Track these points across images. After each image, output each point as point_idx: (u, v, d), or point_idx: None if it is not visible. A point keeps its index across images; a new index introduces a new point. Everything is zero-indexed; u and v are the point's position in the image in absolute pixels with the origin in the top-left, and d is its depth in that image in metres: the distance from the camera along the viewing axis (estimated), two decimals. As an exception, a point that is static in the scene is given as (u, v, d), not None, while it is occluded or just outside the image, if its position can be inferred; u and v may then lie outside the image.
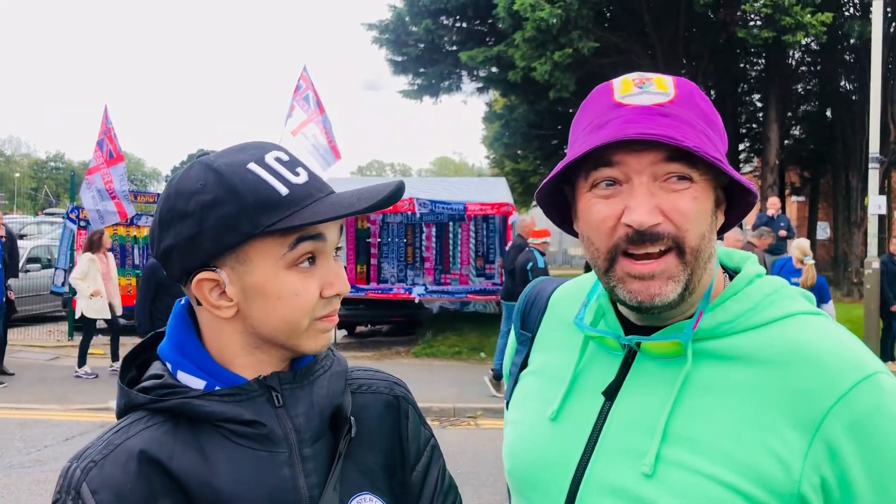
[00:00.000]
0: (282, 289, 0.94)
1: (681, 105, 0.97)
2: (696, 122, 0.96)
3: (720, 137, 1.00)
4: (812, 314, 1.01)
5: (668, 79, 1.00)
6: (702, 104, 0.99)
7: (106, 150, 11.38)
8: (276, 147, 0.99)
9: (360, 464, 1.04)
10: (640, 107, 0.96)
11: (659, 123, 0.94)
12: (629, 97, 0.98)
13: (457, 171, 76.74)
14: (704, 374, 0.98)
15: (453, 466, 1.24)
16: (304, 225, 0.92)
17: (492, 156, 33.82)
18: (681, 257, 0.96)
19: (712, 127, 0.99)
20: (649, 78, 1.00)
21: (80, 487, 0.91)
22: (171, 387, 0.96)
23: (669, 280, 0.97)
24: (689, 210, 0.95)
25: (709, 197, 0.98)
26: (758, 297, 1.01)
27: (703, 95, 1.01)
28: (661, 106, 0.96)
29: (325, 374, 1.03)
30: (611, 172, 0.96)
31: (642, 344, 1.02)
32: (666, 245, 0.96)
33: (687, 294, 0.99)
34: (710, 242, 0.99)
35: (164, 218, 0.96)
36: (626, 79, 1.01)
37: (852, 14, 17.79)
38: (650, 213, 0.94)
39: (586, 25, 15.76)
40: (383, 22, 20.63)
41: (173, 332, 1.01)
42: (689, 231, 0.96)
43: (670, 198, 0.95)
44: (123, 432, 0.96)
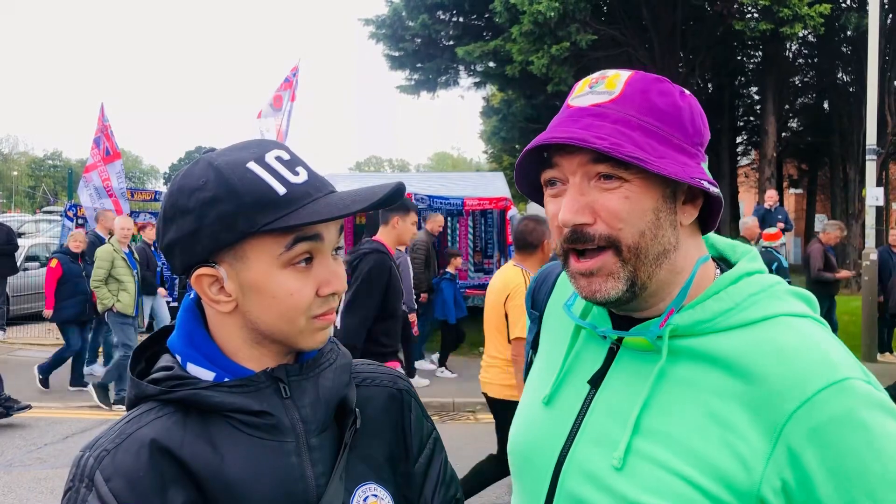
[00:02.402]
0: (277, 287, 0.96)
1: (623, 103, 0.99)
2: (637, 117, 0.98)
3: (682, 130, 1.00)
4: (798, 316, 1.00)
5: (622, 77, 1.01)
6: (656, 99, 1.00)
7: (103, 148, 11.37)
8: (278, 146, 1.00)
9: (365, 455, 1.06)
10: (578, 109, 1.01)
11: (584, 125, 0.97)
12: (577, 98, 1.02)
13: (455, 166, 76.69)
14: (680, 371, 0.99)
15: (454, 461, 1.26)
16: (300, 225, 0.93)
17: (490, 150, 33.86)
18: (618, 255, 0.99)
19: (664, 119, 0.99)
20: (605, 76, 1.02)
21: (93, 475, 0.93)
22: (181, 378, 0.98)
23: (609, 277, 1.00)
24: (619, 209, 0.97)
25: (649, 194, 0.98)
26: (740, 297, 1.01)
27: (665, 89, 1.01)
28: (598, 106, 0.99)
29: (330, 367, 1.05)
30: (553, 173, 1.02)
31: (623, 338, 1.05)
32: (599, 244, 0.99)
33: (637, 290, 1.00)
34: (656, 239, 0.99)
35: (167, 213, 0.98)
36: (587, 78, 1.04)
37: (849, 6, 17.77)
38: (575, 213, 0.98)
39: (584, 19, 15.73)
40: (380, 17, 20.58)
41: (183, 325, 1.03)
42: (623, 230, 0.98)
43: (602, 197, 0.98)
44: (135, 422, 0.97)
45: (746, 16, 15.76)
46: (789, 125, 24.87)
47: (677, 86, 1.03)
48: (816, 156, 25.80)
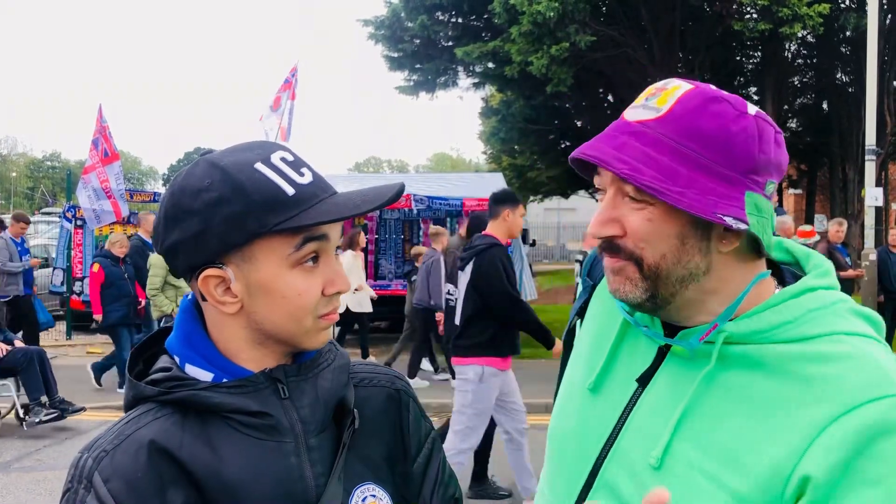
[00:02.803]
0: (286, 287, 0.96)
1: (665, 123, 0.97)
2: (675, 142, 0.96)
3: (727, 157, 0.96)
4: (859, 336, 0.97)
5: (678, 93, 0.99)
6: (704, 122, 0.96)
7: (101, 149, 11.37)
8: (281, 147, 1.00)
9: (364, 455, 1.06)
10: (623, 122, 1.02)
11: (618, 143, 0.98)
12: (631, 110, 1.03)
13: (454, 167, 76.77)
14: (729, 377, 0.99)
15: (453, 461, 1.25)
16: (312, 225, 0.94)
17: (489, 151, 33.88)
18: (639, 270, 1.01)
19: (708, 145, 0.96)
20: (665, 89, 1.01)
21: (91, 476, 0.92)
22: (180, 379, 0.98)
23: (627, 281, 1.02)
24: (641, 230, 0.99)
25: (671, 221, 0.98)
26: (799, 312, 0.99)
27: (719, 112, 0.97)
28: (641, 123, 0.99)
29: (328, 368, 1.05)
30: (598, 181, 1.05)
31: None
32: (627, 257, 1.01)
33: (661, 303, 1.02)
34: (680, 264, 0.99)
35: (169, 214, 0.97)
36: (650, 87, 1.04)
37: (848, 6, 17.79)
38: (601, 225, 1.02)
39: (583, 19, 15.74)
40: (379, 18, 20.60)
41: (181, 325, 1.03)
42: (645, 249, 1.00)
43: (629, 215, 1.00)
44: (133, 423, 0.97)
45: (745, 16, 15.78)
46: (788, 125, 24.87)
47: (741, 106, 0.99)
48: (816, 156, 25.82)
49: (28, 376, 7.22)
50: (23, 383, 7.29)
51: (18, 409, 7.42)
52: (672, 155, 0.96)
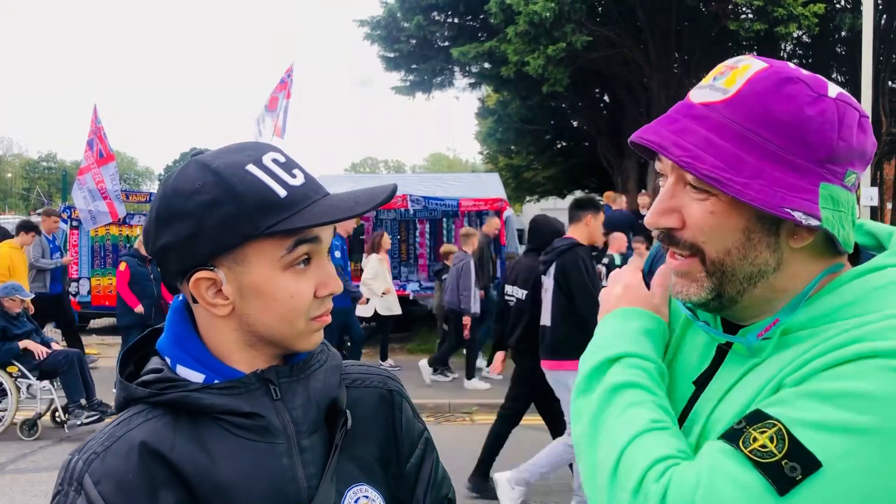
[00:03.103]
0: (278, 290, 0.96)
1: (733, 106, 0.91)
2: (742, 127, 0.90)
3: (799, 144, 0.89)
4: None
5: (748, 72, 0.92)
6: (776, 106, 0.89)
7: (96, 150, 11.33)
8: (273, 148, 1.00)
9: (356, 456, 1.06)
10: (687, 103, 0.96)
11: (678, 127, 0.92)
12: (697, 89, 0.96)
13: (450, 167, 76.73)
14: (770, 361, 0.94)
15: (450, 462, 1.25)
16: (304, 227, 0.93)
17: (485, 151, 33.84)
18: (703, 264, 0.95)
19: (779, 131, 0.89)
20: (735, 67, 0.94)
21: (82, 479, 0.92)
22: (171, 380, 0.98)
23: (692, 283, 0.97)
24: (702, 223, 0.93)
25: (736, 213, 0.92)
26: (863, 291, 0.91)
27: (793, 93, 0.89)
28: (706, 106, 0.93)
29: (321, 369, 1.05)
30: (659, 167, 0.99)
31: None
32: (687, 250, 0.96)
33: (727, 302, 0.97)
34: (747, 260, 0.93)
35: (161, 216, 0.96)
36: (721, 65, 0.97)
37: (843, 6, 17.82)
38: (659, 214, 0.96)
39: (579, 19, 15.75)
40: (375, 18, 20.58)
41: (172, 327, 1.02)
42: (707, 243, 0.94)
43: (690, 206, 0.94)
44: (124, 425, 0.97)
45: (741, 16, 15.79)
46: (784, 125, 24.90)
47: (820, 87, 0.91)
48: (811, 156, 25.82)
49: (68, 378, 7.25)
50: (63, 385, 7.32)
51: (59, 411, 7.41)
52: (738, 141, 0.89)
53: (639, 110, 19.51)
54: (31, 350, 7.20)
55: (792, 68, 0.92)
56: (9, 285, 7.44)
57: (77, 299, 12.49)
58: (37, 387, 7.24)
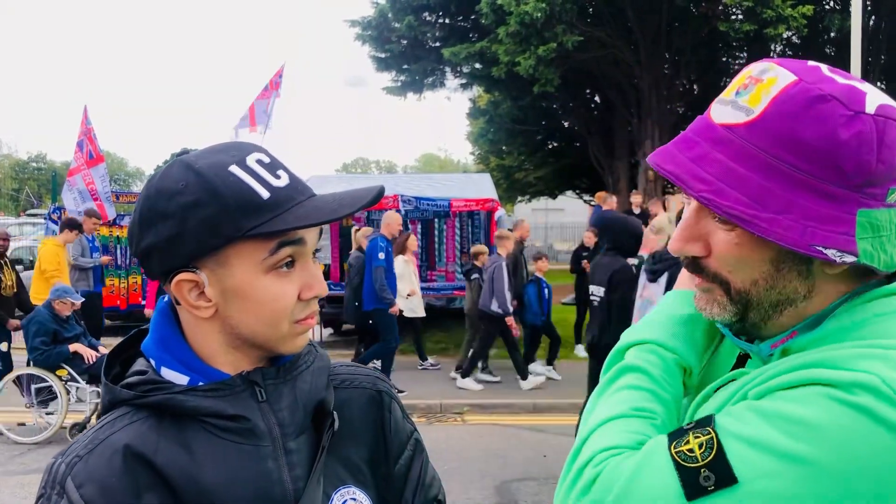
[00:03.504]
0: (261, 292, 0.95)
1: (756, 130, 0.84)
2: (767, 154, 0.83)
3: (831, 172, 0.81)
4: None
5: (774, 89, 0.84)
6: (805, 130, 0.81)
7: (86, 151, 11.30)
8: (257, 149, 0.99)
9: (344, 457, 1.05)
10: (707, 123, 0.89)
11: (696, 154, 0.86)
12: (718, 106, 0.89)
13: (442, 168, 76.72)
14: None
15: (441, 463, 1.25)
16: (286, 230, 0.92)
17: (477, 152, 33.86)
18: (727, 293, 0.91)
19: (810, 159, 0.81)
20: (761, 80, 0.86)
21: (64, 482, 0.91)
22: (155, 382, 0.97)
23: (715, 303, 0.93)
24: (728, 254, 0.88)
25: (763, 245, 0.85)
26: (863, 316, 0.87)
27: (823, 115, 0.81)
28: (727, 128, 0.86)
29: (308, 370, 1.04)
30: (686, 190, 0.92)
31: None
32: (709, 279, 0.92)
33: (750, 327, 0.93)
34: (775, 290, 0.88)
35: (144, 217, 0.96)
36: (743, 75, 0.89)
37: (832, 7, 17.92)
38: (683, 242, 0.92)
39: (570, 20, 15.79)
40: (366, 18, 20.58)
41: (157, 328, 1.01)
42: (732, 273, 0.89)
43: (715, 234, 0.89)
44: (108, 427, 0.96)
45: (731, 17, 15.86)
46: (774, 126, 25.03)
47: (856, 103, 0.82)
48: (801, 156, 25.96)
49: None
50: None
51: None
52: (763, 171, 0.83)
53: (629, 111, 19.57)
54: (80, 353, 7.10)
55: (825, 77, 0.84)
56: (60, 288, 7.35)
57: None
58: (86, 390, 7.12)
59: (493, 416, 8.19)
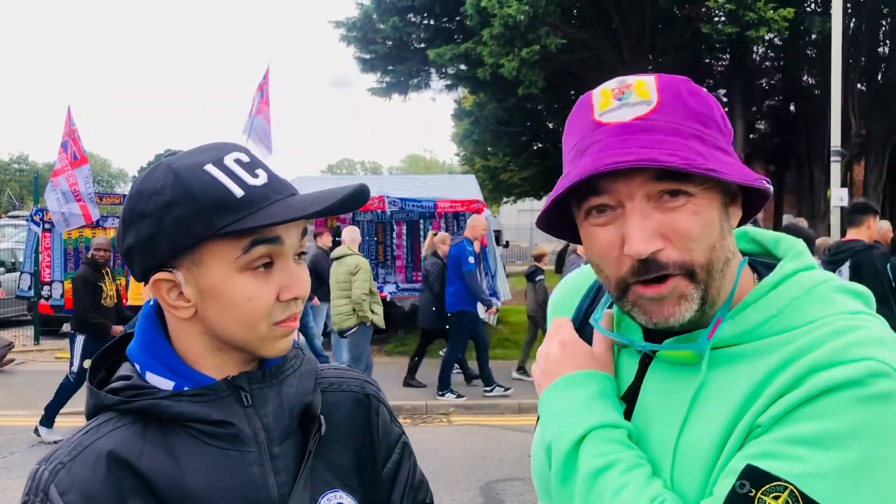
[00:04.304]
0: (235, 292, 0.94)
1: (665, 111, 0.91)
2: (685, 125, 0.91)
3: (719, 130, 0.94)
4: (849, 314, 0.92)
5: (650, 82, 0.94)
6: (691, 101, 0.93)
7: (70, 152, 11.20)
8: (238, 148, 0.99)
9: (331, 462, 1.05)
10: (619, 125, 0.91)
11: (640, 142, 0.89)
12: (608, 114, 0.93)
13: (427, 169, 76.67)
14: (717, 380, 0.94)
15: (426, 464, 1.25)
16: (257, 228, 0.91)
17: (462, 153, 33.88)
18: (691, 279, 0.92)
19: (706, 123, 0.93)
20: (629, 84, 0.94)
21: (48, 489, 0.91)
22: (140, 388, 0.97)
23: (682, 300, 0.93)
24: (691, 228, 0.90)
25: (713, 204, 0.92)
26: (782, 303, 0.94)
27: (693, 89, 0.95)
28: (642, 119, 0.91)
29: (294, 374, 1.04)
30: (601, 200, 0.93)
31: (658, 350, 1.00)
32: (672, 272, 0.91)
33: (707, 308, 0.94)
34: (723, 249, 0.93)
35: (126, 217, 0.97)
36: (605, 89, 0.95)
37: (813, 10, 18.07)
38: (648, 241, 0.90)
39: (554, 22, 15.83)
40: (351, 19, 20.53)
41: (142, 332, 1.01)
42: (695, 249, 0.91)
43: (668, 217, 0.90)
44: (92, 433, 0.96)
45: (713, 19, 15.96)
46: (757, 127, 25.19)
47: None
48: (783, 157, 26.15)
49: None
50: None
51: None
52: (692, 139, 0.90)
53: (614, 112, 19.56)
54: None
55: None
56: None
57: (49, 303, 12.33)
58: None
59: (479, 417, 8.20)
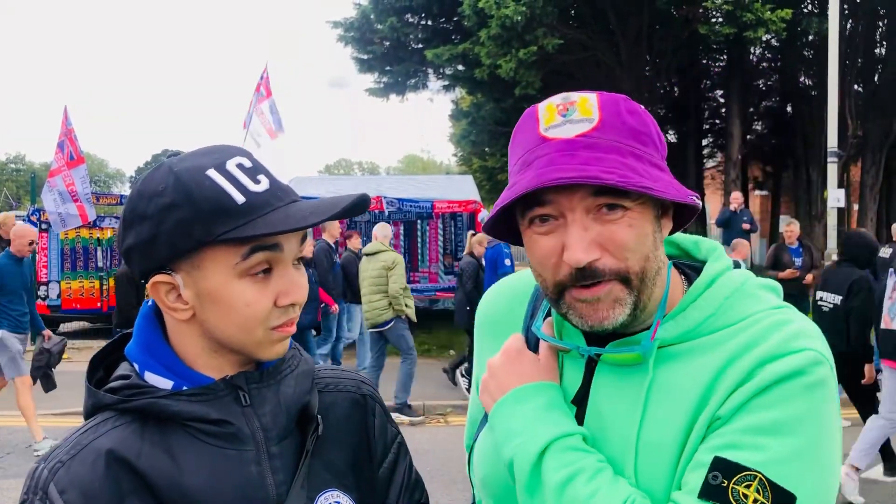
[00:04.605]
0: (234, 297, 0.95)
1: (606, 129, 0.97)
2: (624, 143, 0.97)
3: (654, 147, 1.00)
4: (775, 309, 1.02)
5: (592, 100, 0.99)
6: (630, 120, 0.99)
7: (66, 152, 11.18)
8: (241, 152, 0.99)
9: (328, 461, 1.05)
10: (563, 141, 0.96)
11: (582, 159, 0.94)
12: (553, 129, 0.98)
13: (425, 169, 76.66)
14: (666, 378, 1.00)
15: (423, 464, 1.26)
16: (256, 236, 0.92)
17: (459, 153, 33.92)
18: (626, 284, 0.98)
19: (643, 140, 0.99)
20: (573, 101, 0.99)
21: (47, 488, 0.91)
22: (139, 387, 0.97)
23: (616, 304, 0.98)
24: (626, 239, 0.96)
25: (647, 217, 0.99)
26: (717, 302, 1.03)
27: (632, 108, 1.00)
28: (584, 136, 0.96)
29: (291, 374, 1.04)
30: (544, 210, 0.98)
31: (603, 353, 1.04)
32: (608, 278, 0.97)
33: (639, 312, 1.00)
34: (656, 260, 1.00)
35: (126, 218, 0.97)
36: (550, 105, 1.01)
37: (811, 11, 18.12)
38: (586, 251, 0.95)
39: (551, 23, 15.85)
40: (348, 20, 20.54)
41: (140, 332, 1.01)
42: (629, 259, 0.97)
43: (606, 229, 0.96)
44: (91, 432, 0.96)
45: (711, 20, 15.99)
46: (754, 128, 25.22)
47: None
48: (780, 158, 26.20)
49: None
50: None
51: None
52: (630, 156, 0.96)
53: (611, 113, 19.59)
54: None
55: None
56: None
57: (46, 303, 12.30)
58: None
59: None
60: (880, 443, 5.59)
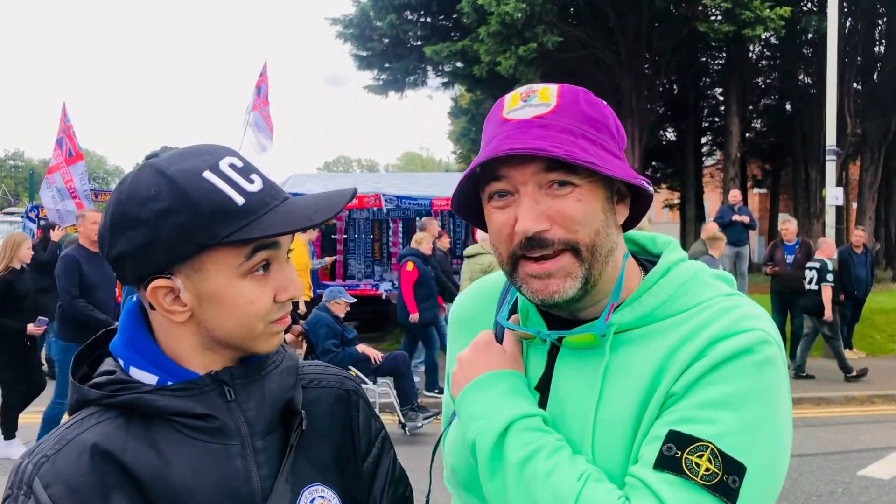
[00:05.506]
0: (237, 296, 0.96)
1: (561, 113, 1.03)
2: (577, 126, 1.03)
3: (610, 136, 1.06)
4: (727, 295, 1.08)
5: (552, 89, 1.06)
6: (587, 108, 1.05)
7: (65, 149, 11.18)
8: (230, 152, 0.99)
9: (312, 456, 1.06)
10: (521, 121, 1.03)
11: (535, 136, 1.01)
12: (514, 112, 1.05)
13: (424, 167, 76.57)
14: (623, 360, 1.05)
15: (420, 462, 1.27)
16: (265, 236, 0.93)
17: (458, 151, 33.90)
18: (576, 256, 1.03)
19: (598, 128, 1.05)
20: (535, 90, 1.06)
21: (31, 482, 0.92)
22: (124, 382, 0.97)
23: (567, 277, 1.03)
24: (574, 212, 1.02)
25: (597, 196, 1.04)
26: (672, 289, 1.08)
27: (591, 100, 1.07)
28: (540, 118, 1.03)
29: (276, 370, 1.05)
30: (501, 185, 1.04)
31: (563, 338, 1.08)
32: (558, 247, 1.02)
33: (589, 287, 1.05)
34: (608, 237, 1.05)
35: (115, 222, 0.95)
36: (515, 93, 1.08)
37: (810, 9, 18.12)
38: (535, 221, 1.01)
39: (551, 20, 15.85)
40: (347, 17, 20.53)
41: (125, 328, 1.02)
42: (579, 231, 1.02)
43: (555, 203, 1.02)
44: (76, 427, 0.96)
45: (710, 18, 15.99)
46: (753, 126, 25.24)
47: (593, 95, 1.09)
48: (779, 156, 26.22)
49: (404, 382, 7.19)
50: (397, 388, 7.21)
51: (399, 414, 7.14)
52: (581, 138, 1.02)
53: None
54: (367, 355, 7.06)
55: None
56: (334, 289, 7.29)
57: (44, 300, 12.27)
58: (374, 391, 7.02)
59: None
60: None
